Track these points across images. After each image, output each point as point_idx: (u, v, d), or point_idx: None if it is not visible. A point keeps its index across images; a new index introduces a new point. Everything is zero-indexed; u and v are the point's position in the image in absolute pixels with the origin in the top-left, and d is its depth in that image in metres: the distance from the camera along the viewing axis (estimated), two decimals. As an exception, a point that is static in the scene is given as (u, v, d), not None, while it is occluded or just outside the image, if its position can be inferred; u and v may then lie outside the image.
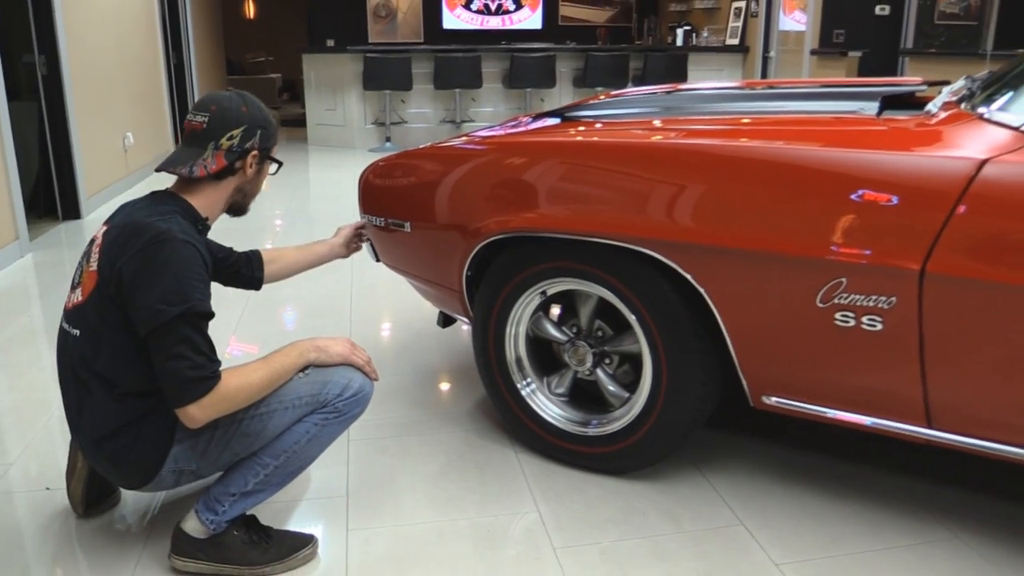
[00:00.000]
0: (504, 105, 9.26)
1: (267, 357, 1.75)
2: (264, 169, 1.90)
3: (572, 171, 2.02)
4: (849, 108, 2.11)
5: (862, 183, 1.65)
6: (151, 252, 1.61)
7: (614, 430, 2.12)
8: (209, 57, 10.77)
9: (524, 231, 2.08)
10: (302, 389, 1.77)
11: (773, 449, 2.34)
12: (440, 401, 2.69)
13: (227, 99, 1.80)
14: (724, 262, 1.82)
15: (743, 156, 1.80)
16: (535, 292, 2.17)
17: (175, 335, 1.57)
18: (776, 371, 1.90)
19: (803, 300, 1.74)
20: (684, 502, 2.08)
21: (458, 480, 2.20)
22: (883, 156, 1.66)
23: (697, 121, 2.22)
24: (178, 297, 1.58)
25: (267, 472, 1.77)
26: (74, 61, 5.61)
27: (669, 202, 1.87)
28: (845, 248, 1.66)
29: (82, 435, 1.76)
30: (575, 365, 2.20)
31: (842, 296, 1.70)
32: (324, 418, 1.79)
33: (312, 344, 1.81)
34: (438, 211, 2.29)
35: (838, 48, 8.21)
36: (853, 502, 2.07)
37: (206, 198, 1.81)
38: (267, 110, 1.87)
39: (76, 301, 1.72)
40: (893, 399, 1.77)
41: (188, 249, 1.64)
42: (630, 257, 1.95)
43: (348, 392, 1.80)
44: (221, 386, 1.61)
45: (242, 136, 1.78)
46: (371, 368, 1.88)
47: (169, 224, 1.66)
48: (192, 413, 1.59)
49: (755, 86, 2.88)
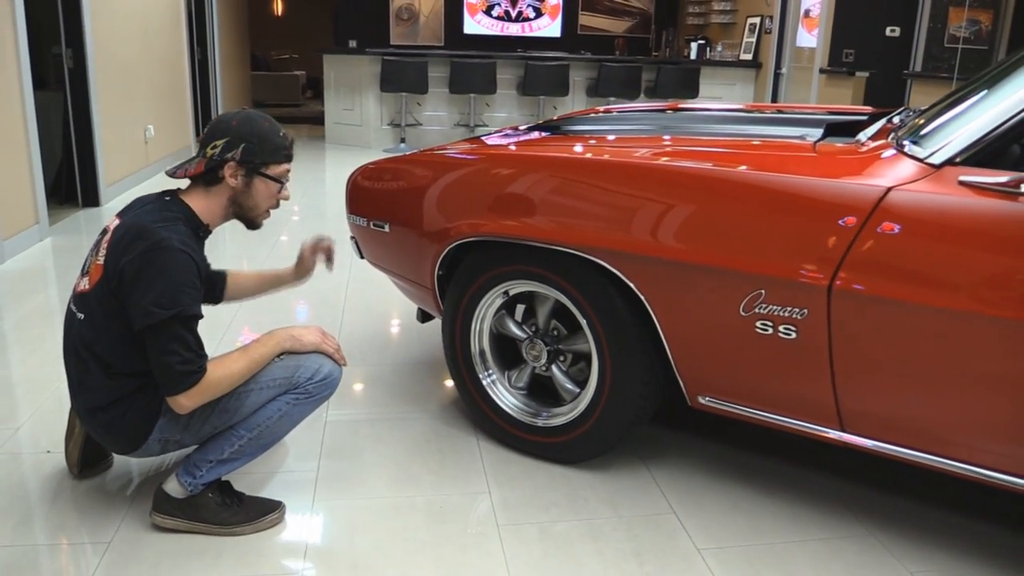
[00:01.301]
0: (517, 111, 9.46)
1: (247, 347, 1.96)
2: (257, 184, 1.99)
3: (533, 182, 2.21)
4: (796, 133, 2.29)
5: (784, 203, 1.84)
6: (150, 257, 1.79)
7: (562, 422, 2.31)
8: (234, 53, 11.05)
9: (489, 235, 2.27)
10: (276, 372, 1.98)
11: (715, 447, 2.52)
12: (414, 391, 2.88)
13: (228, 114, 1.99)
14: (662, 272, 2.00)
15: (680, 174, 1.98)
16: (498, 292, 2.36)
17: (166, 334, 1.78)
18: (708, 373, 2.08)
19: (729, 309, 1.92)
20: (624, 491, 2.26)
21: (420, 462, 2.39)
22: (804, 180, 1.84)
23: (655, 141, 2.40)
24: (170, 301, 1.77)
25: (242, 443, 1.97)
26: (99, 54, 5.87)
27: (616, 214, 2.05)
28: (765, 262, 1.84)
29: (79, 404, 1.98)
30: (532, 361, 2.39)
31: (761, 306, 1.87)
32: (295, 398, 1.99)
33: (287, 334, 2.02)
34: (415, 214, 2.48)
35: (846, 68, 8.34)
36: (779, 497, 2.25)
37: (203, 204, 1.98)
38: (268, 130, 1.98)
39: (83, 288, 1.93)
40: (809, 403, 1.95)
41: (183, 258, 1.82)
42: (581, 264, 2.14)
43: (318, 376, 2.00)
44: (207, 378, 1.83)
45: (223, 147, 1.93)
46: (340, 355, 2.08)
47: (170, 232, 1.84)
48: (181, 402, 1.82)
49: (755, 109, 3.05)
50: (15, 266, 4.37)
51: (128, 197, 6.20)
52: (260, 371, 1.96)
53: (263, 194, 2.02)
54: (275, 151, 1.99)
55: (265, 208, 2.06)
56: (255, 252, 4.72)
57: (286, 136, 2.03)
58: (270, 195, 2.04)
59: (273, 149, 1.98)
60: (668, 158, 2.06)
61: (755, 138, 2.34)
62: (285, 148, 2.02)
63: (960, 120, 1.83)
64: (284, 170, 2.03)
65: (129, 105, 6.55)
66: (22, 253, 4.59)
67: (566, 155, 2.25)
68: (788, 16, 9.21)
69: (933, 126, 1.91)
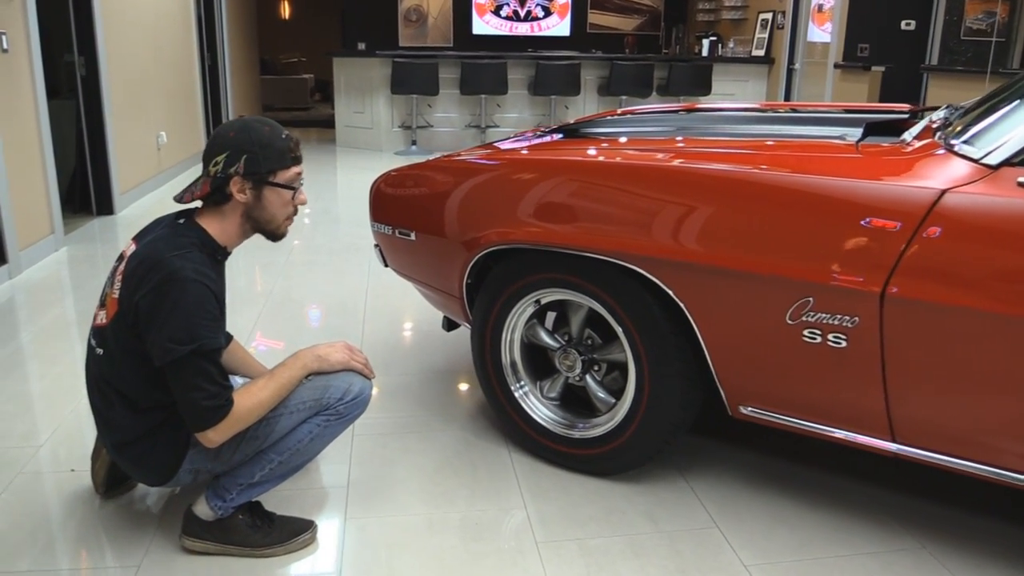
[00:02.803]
0: (529, 112, 9.40)
1: (273, 372, 1.89)
2: (268, 194, 1.87)
3: (565, 188, 2.15)
4: (834, 134, 2.22)
5: (832, 207, 1.77)
6: (164, 291, 1.71)
7: (598, 434, 2.25)
8: (243, 57, 11.03)
9: (520, 243, 2.21)
10: (305, 395, 1.91)
11: (754, 457, 2.45)
12: (442, 401, 2.83)
13: (224, 126, 1.88)
14: (703, 279, 1.94)
15: (722, 178, 1.91)
16: (529, 301, 2.30)
17: (189, 369, 1.71)
18: (751, 383, 2.01)
19: (774, 317, 1.85)
20: (663, 503, 2.20)
21: (452, 476, 2.33)
22: (852, 183, 1.77)
23: (690, 143, 2.34)
24: (187, 336, 1.69)
25: (272, 466, 1.91)
26: (112, 62, 5.83)
27: (654, 220, 1.99)
28: (812, 268, 1.77)
29: (106, 440, 1.93)
30: (566, 371, 2.33)
31: (809, 314, 1.81)
32: (326, 420, 1.93)
33: (313, 354, 1.94)
34: (442, 221, 2.42)
35: (861, 62, 8.25)
36: (822, 508, 2.18)
37: (217, 226, 1.88)
38: (269, 135, 1.85)
39: (100, 322, 1.87)
40: (858, 413, 1.88)
41: (198, 289, 1.73)
42: (617, 271, 2.07)
43: (348, 396, 1.94)
44: (234, 410, 1.76)
45: (225, 162, 1.81)
46: (369, 369, 2.02)
47: (183, 261, 1.75)
48: (210, 437, 1.76)
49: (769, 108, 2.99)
50: (32, 276, 4.34)
51: (142, 205, 6.19)
52: (288, 395, 1.89)
53: (276, 204, 1.90)
54: (280, 156, 1.86)
55: (283, 218, 1.94)
56: (271, 258, 4.66)
57: (289, 137, 1.90)
58: (284, 203, 1.91)
59: (277, 155, 1.86)
60: (707, 161, 1.99)
61: (792, 139, 2.27)
62: (290, 151, 1.89)
63: (1016, 118, 1.76)
64: (294, 174, 1.90)
65: (141, 112, 6.52)
66: (38, 263, 4.55)
67: (600, 159, 2.19)
68: (800, 11, 9.12)
69: (984, 124, 1.84)
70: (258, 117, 1.92)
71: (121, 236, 5.30)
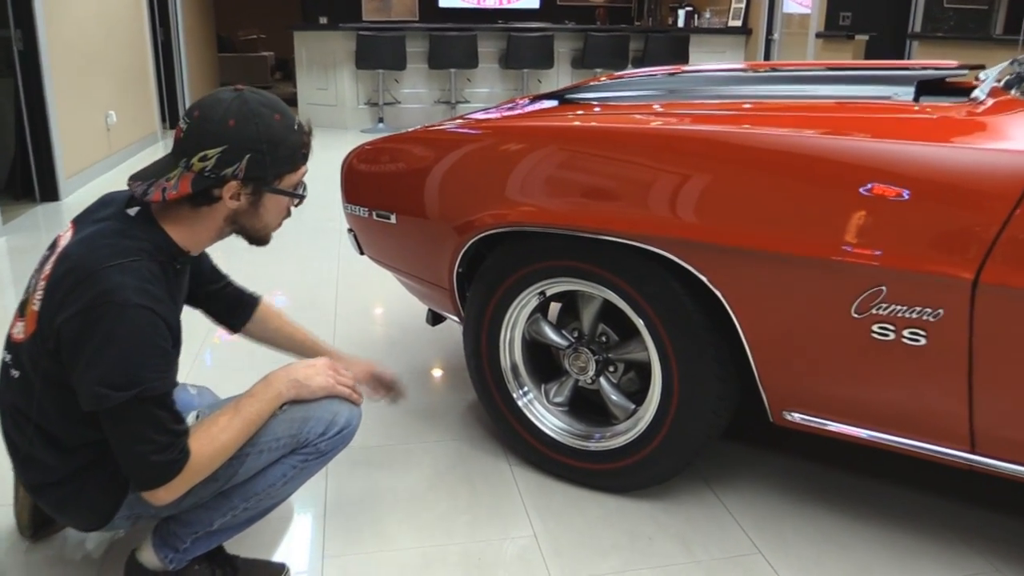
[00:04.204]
0: (501, 86, 9.02)
1: (238, 403, 1.50)
2: (268, 201, 1.47)
3: (575, 159, 1.82)
4: (882, 93, 1.92)
5: (909, 180, 1.46)
6: (93, 317, 1.30)
7: (619, 445, 1.94)
8: (199, 34, 10.49)
9: (521, 225, 1.89)
10: (279, 429, 1.54)
11: (785, 461, 2.16)
12: (429, 405, 2.50)
13: (217, 103, 1.38)
14: (749, 265, 1.62)
15: (770, 146, 1.60)
16: (533, 293, 1.98)
17: (130, 417, 1.33)
18: (802, 386, 1.71)
19: (837, 309, 1.55)
20: (694, 525, 1.90)
21: (447, 497, 2.01)
22: (932, 149, 1.46)
23: (715, 106, 2.02)
24: (124, 380, 1.30)
25: (235, 513, 1.56)
26: (52, 36, 5.37)
27: (684, 196, 1.67)
28: (886, 252, 1.47)
29: (23, 479, 1.54)
30: (576, 373, 2.01)
31: (881, 306, 1.50)
32: (304, 459, 1.57)
33: (289, 378, 1.55)
34: (427, 201, 2.09)
35: (844, 31, 7.99)
36: (876, 525, 1.89)
37: (185, 230, 1.46)
38: (280, 127, 1.41)
39: (18, 336, 1.47)
40: (933, 421, 1.59)
41: (142, 317, 1.32)
42: (639, 256, 1.76)
43: (332, 430, 1.58)
44: (191, 462, 1.37)
45: (219, 159, 1.37)
46: (356, 394, 1.64)
47: (124, 276, 1.33)
48: (160, 496, 1.38)
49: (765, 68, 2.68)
50: (-36, 271, 3.92)
51: (90, 190, 5.73)
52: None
53: (274, 211, 1.51)
54: (291, 156, 1.44)
55: (277, 224, 1.56)
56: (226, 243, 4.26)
57: (302, 127, 1.47)
58: (283, 209, 1.54)
59: (288, 154, 1.44)
60: (751, 126, 1.67)
61: (840, 100, 1.96)
62: (303, 146, 1.47)
63: None
64: (301, 175, 1.51)
65: (88, 90, 6.05)
66: (-28, 256, 4.13)
67: (619, 125, 1.85)
68: (779, -22, 8.83)
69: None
70: (263, 96, 1.43)
71: (68, 223, 4.87)
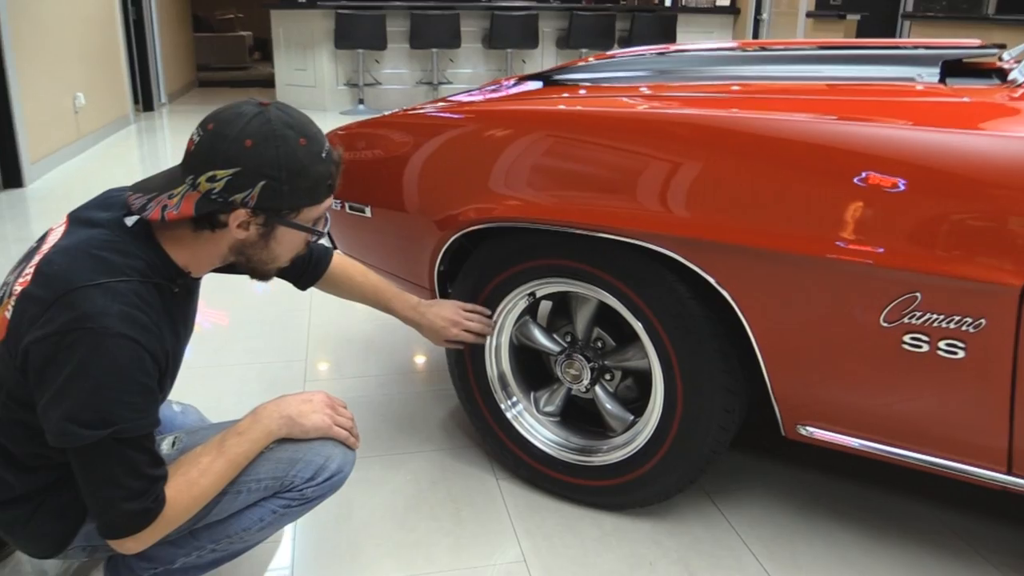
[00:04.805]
0: (484, 66, 8.81)
1: (223, 440, 1.31)
2: (281, 235, 1.28)
3: (567, 148, 1.64)
4: (905, 74, 1.75)
5: (947, 174, 1.29)
6: (66, 343, 1.12)
7: (617, 460, 1.77)
8: (173, 12, 10.17)
9: (509, 221, 1.71)
10: (263, 469, 1.36)
11: (791, 470, 2.01)
12: (409, 411, 2.32)
13: (236, 118, 1.19)
14: (765, 268, 1.45)
15: (790, 135, 1.42)
16: (521, 294, 1.81)
17: (101, 458, 1.15)
18: (820, 399, 1.55)
19: (864, 317, 1.38)
20: (699, 547, 1.74)
21: (428, 517, 1.84)
22: (972, 139, 1.30)
23: (720, 89, 1.84)
24: (96, 418, 1.12)
25: (201, 553, 1.38)
26: (12, 12, 5.10)
27: (690, 189, 1.50)
28: (923, 255, 1.30)
29: None
30: (569, 381, 1.84)
31: (915, 315, 1.34)
32: (286, 505, 1.39)
33: (281, 415, 1.36)
34: (405, 193, 1.90)
35: (835, 11, 7.83)
36: (894, 543, 1.74)
37: (186, 251, 1.28)
38: (305, 155, 1.21)
39: None
40: (969, 439, 1.43)
41: (121, 349, 1.13)
42: (641, 256, 1.59)
43: (322, 476, 1.39)
44: (166, 512, 1.21)
45: (229, 182, 1.18)
46: (353, 437, 1.45)
47: (108, 300, 1.14)
48: (128, 546, 1.21)
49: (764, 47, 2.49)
50: (-84, 263, 3.70)
51: (58, 175, 5.49)
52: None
53: (287, 245, 1.31)
54: (312, 188, 1.24)
55: (289, 259, 1.36)
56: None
57: (331, 156, 1.27)
58: (297, 245, 1.33)
59: (311, 186, 1.24)
60: (766, 111, 1.50)
61: (857, 82, 1.79)
62: (329, 177, 1.27)
63: None
64: (324, 209, 1.31)
65: (54, 70, 5.79)
66: (-74, 247, 3.91)
67: (617, 110, 1.67)
68: (769, -43, 8.65)
69: None
70: (291, 115, 1.23)
71: (33, 212, 4.65)
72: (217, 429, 1.37)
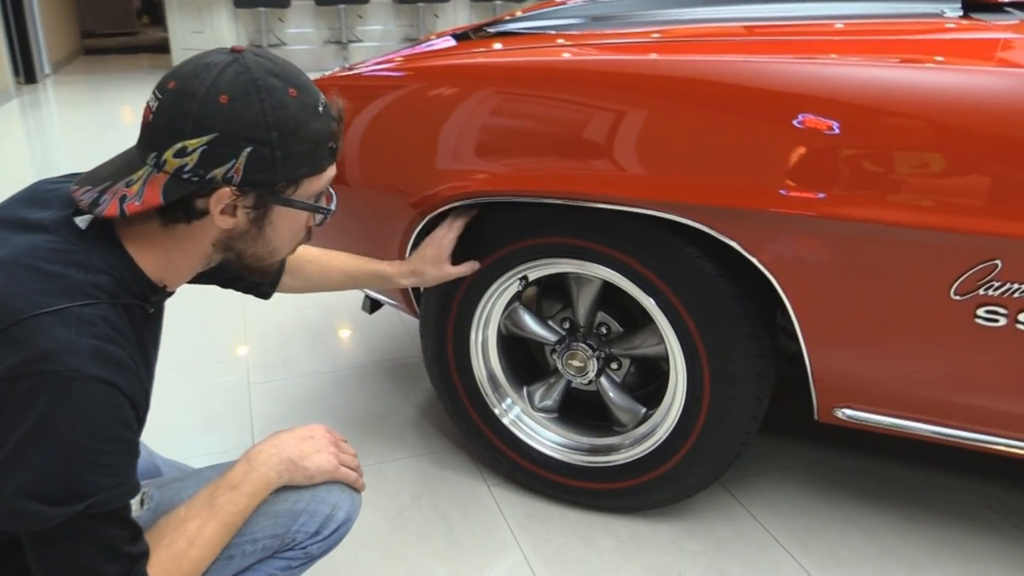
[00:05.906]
0: (394, 22, 8.41)
1: (213, 497, 1.03)
2: (278, 219, 0.99)
3: (558, 106, 1.40)
4: (926, 10, 1.56)
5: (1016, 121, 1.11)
6: (21, 392, 0.83)
7: (633, 458, 1.57)
8: (49, -26, 9.35)
9: (493, 195, 1.47)
10: (260, 527, 1.08)
11: (801, 449, 1.86)
12: (374, 412, 2.07)
13: (204, 70, 0.91)
14: (812, 238, 1.26)
15: (832, 80, 1.21)
16: (511, 279, 1.57)
17: (69, 538, 0.87)
18: (869, 380, 1.37)
19: (931, 290, 1.20)
20: (726, 548, 1.56)
21: (418, 539, 1.61)
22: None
23: (719, 32, 1.62)
24: (65, 491, 0.84)
25: None
26: None
27: (728, 150, 1.28)
28: (1004, 217, 1.12)
29: None
30: (571, 373, 1.62)
31: (992, 285, 1.17)
32: (286, 565, 1.13)
33: (280, 457, 1.09)
34: (370, 165, 1.63)
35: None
36: (927, 523, 1.61)
37: (159, 255, 0.98)
38: (296, 107, 0.92)
39: None
40: (1041, 418, 1.28)
41: (95, 396, 0.85)
42: (660, 230, 1.37)
43: (328, 528, 1.13)
44: None
45: (204, 153, 0.89)
46: (360, 479, 1.19)
47: (73, 331, 0.85)
48: None
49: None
50: None
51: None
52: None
53: (287, 231, 1.03)
54: (311, 152, 0.96)
55: (289, 250, 1.08)
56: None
57: (328, 108, 0.98)
58: (299, 229, 1.05)
59: (309, 149, 0.95)
60: (790, 55, 1.28)
61: (878, 18, 1.59)
62: (331, 138, 0.98)
63: None
64: (327, 180, 1.01)
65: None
66: None
67: (615, 57, 1.43)
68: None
69: None
70: (273, 62, 0.94)
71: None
72: (197, 479, 1.10)
